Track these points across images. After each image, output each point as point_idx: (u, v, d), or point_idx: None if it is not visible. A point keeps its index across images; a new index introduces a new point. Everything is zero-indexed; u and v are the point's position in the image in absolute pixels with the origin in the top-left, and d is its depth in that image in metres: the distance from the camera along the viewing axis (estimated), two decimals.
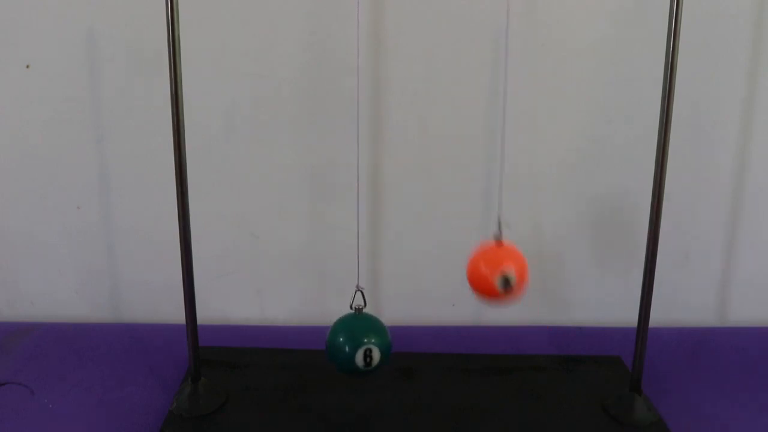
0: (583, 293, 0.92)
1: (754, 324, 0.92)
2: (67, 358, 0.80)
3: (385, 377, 0.76)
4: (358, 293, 0.62)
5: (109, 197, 0.88)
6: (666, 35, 0.60)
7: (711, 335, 0.88)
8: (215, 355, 0.79)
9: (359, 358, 0.60)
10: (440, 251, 0.90)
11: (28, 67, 0.83)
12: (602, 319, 0.92)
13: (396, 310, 0.92)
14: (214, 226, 0.87)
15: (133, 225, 0.89)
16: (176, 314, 0.75)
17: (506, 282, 0.62)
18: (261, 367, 0.77)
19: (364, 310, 0.63)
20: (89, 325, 0.89)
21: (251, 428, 0.67)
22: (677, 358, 0.83)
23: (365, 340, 0.60)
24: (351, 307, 0.63)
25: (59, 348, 0.83)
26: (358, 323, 0.62)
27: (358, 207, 0.73)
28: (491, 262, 0.63)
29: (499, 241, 0.64)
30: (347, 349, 0.60)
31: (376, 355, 0.60)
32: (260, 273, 0.91)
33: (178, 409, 0.68)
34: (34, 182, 0.87)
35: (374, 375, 0.62)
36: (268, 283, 0.91)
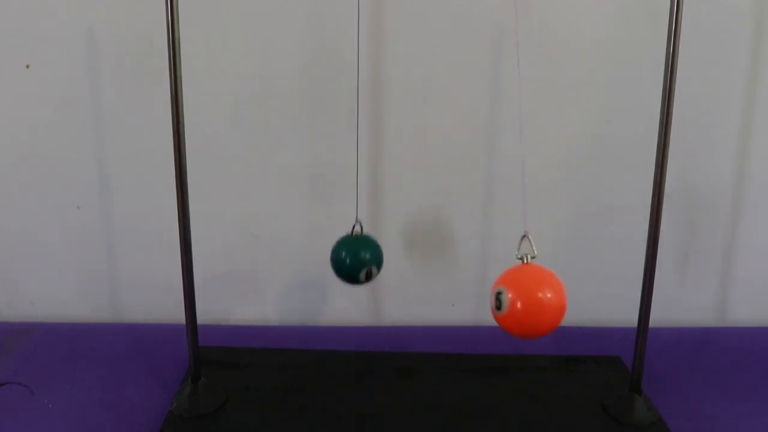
0: (583, 293, 0.92)
1: (754, 324, 0.92)
2: (67, 358, 0.80)
3: (385, 377, 0.76)
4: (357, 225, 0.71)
5: (109, 197, 0.88)
6: (666, 35, 0.60)
7: (711, 335, 0.88)
8: (215, 355, 0.79)
9: (362, 275, 0.69)
10: (440, 251, 0.90)
11: (28, 67, 0.83)
12: (602, 319, 0.92)
13: (396, 310, 0.92)
14: (214, 226, 0.87)
15: (133, 225, 0.89)
16: (176, 314, 0.75)
17: (498, 299, 0.55)
18: (261, 367, 0.77)
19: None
20: (89, 325, 0.89)
21: (251, 428, 0.67)
22: (677, 358, 0.83)
23: (366, 260, 0.69)
24: (352, 233, 0.70)
25: (59, 348, 0.83)
26: (359, 243, 0.71)
27: (357, 207, 0.73)
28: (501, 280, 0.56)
29: (525, 262, 0.57)
30: (351, 266, 0.69)
31: (375, 272, 0.70)
32: (260, 273, 0.91)
33: (178, 409, 0.68)
34: (34, 182, 0.87)
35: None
36: (268, 283, 0.91)
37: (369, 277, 0.69)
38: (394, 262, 0.90)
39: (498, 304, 0.54)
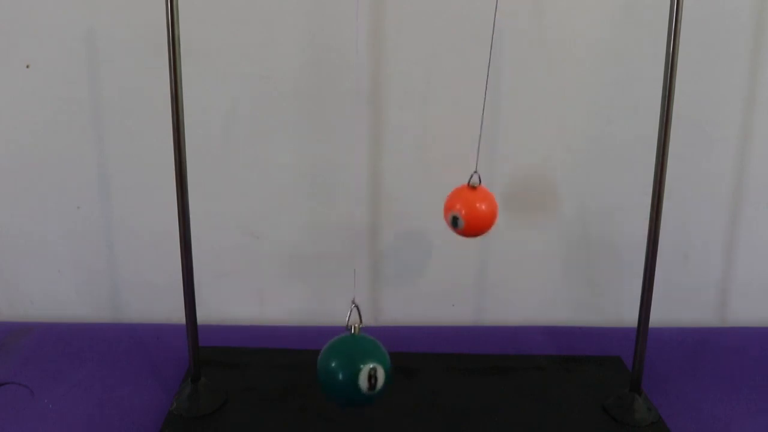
0: (583, 293, 0.92)
1: (754, 324, 0.92)
2: (67, 358, 0.80)
3: None
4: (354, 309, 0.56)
5: (109, 197, 0.88)
6: (666, 35, 0.60)
7: (711, 335, 0.88)
8: (215, 355, 0.79)
9: (363, 379, 0.52)
10: (440, 251, 0.90)
11: (28, 67, 0.83)
12: (602, 319, 0.92)
13: (396, 310, 0.92)
14: (214, 226, 0.87)
15: (133, 225, 0.89)
16: (176, 314, 0.75)
17: (455, 221, 0.69)
18: (261, 367, 0.77)
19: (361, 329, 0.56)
20: (89, 325, 0.89)
21: (251, 428, 0.67)
22: (677, 358, 0.83)
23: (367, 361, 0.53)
24: (347, 327, 0.56)
25: (59, 348, 0.83)
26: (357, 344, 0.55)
27: (357, 207, 0.73)
28: (450, 202, 0.70)
29: (473, 186, 0.70)
30: (346, 372, 0.52)
31: (381, 375, 0.53)
32: (260, 273, 0.91)
33: (178, 409, 0.68)
34: (34, 182, 0.87)
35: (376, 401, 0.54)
36: (268, 283, 0.91)
37: (373, 382, 0.52)
38: (394, 262, 0.91)
39: (455, 223, 0.69)
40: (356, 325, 0.56)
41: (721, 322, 0.93)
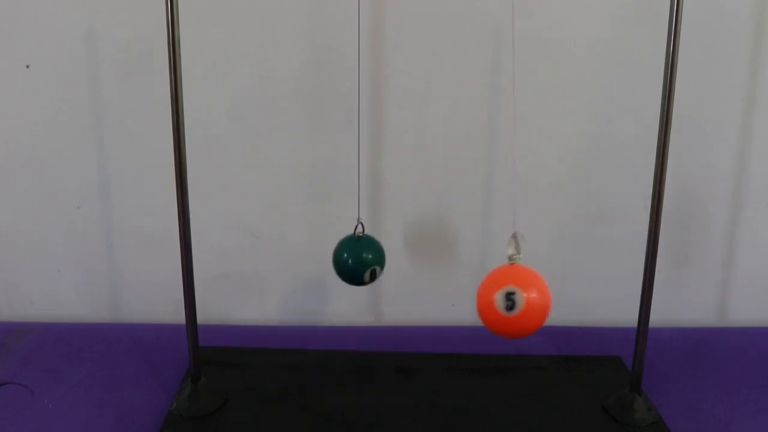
0: (583, 293, 0.92)
1: (754, 324, 0.92)
2: (67, 358, 0.80)
3: (385, 377, 0.76)
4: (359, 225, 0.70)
5: (109, 197, 0.88)
6: (666, 35, 0.60)
7: (711, 335, 0.88)
8: (215, 355, 0.79)
9: (366, 276, 0.69)
10: (440, 251, 0.90)
11: (28, 67, 0.83)
12: (602, 319, 0.92)
13: (396, 310, 0.92)
14: (214, 226, 0.87)
15: (133, 225, 0.89)
16: (176, 314, 0.75)
17: (510, 300, 0.52)
18: (261, 367, 0.77)
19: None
20: (89, 325, 0.89)
21: (251, 428, 0.67)
22: (677, 358, 0.83)
23: (370, 261, 0.69)
24: (354, 234, 0.70)
25: (59, 348, 0.83)
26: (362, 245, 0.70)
27: (358, 207, 0.73)
28: (494, 282, 0.54)
29: (512, 263, 0.56)
30: (355, 268, 0.69)
31: (378, 272, 0.70)
32: (260, 273, 0.91)
33: (178, 409, 0.68)
34: (34, 182, 0.87)
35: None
36: (268, 283, 0.91)
37: (373, 278, 0.69)
38: (394, 262, 0.90)
39: (510, 305, 0.52)
40: (360, 233, 0.70)
41: (721, 322, 0.93)
